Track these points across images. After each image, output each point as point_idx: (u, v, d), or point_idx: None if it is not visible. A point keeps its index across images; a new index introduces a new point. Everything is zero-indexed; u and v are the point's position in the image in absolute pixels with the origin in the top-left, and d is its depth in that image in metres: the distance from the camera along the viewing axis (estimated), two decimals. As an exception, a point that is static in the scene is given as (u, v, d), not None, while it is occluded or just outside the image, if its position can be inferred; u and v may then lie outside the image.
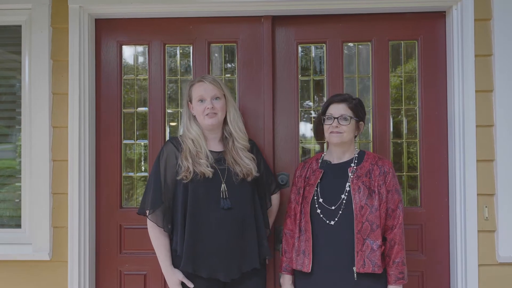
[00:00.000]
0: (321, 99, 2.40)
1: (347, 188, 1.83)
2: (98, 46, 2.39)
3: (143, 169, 2.42)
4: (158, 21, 2.37)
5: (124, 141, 2.41)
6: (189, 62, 2.41)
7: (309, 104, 2.41)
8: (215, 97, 1.95)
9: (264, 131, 2.32)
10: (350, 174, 1.86)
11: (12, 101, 2.43)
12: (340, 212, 1.81)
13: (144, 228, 2.00)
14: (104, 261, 2.36)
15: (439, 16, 2.32)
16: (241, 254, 1.89)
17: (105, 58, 2.39)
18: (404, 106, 2.37)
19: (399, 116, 2.38)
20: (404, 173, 2.36)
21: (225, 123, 2.01)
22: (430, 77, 2.32)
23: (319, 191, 1.87)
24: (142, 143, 2.42)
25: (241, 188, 1.92)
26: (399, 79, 2.38)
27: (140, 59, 2.44)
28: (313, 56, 2.41)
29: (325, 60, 2.37)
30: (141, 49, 2.43)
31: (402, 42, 2.37)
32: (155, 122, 2.38)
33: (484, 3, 2.20)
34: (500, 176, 2.16)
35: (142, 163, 2.42)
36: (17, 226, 2.36)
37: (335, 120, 1.85)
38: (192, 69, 2.39)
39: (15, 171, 2.40)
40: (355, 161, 1.89)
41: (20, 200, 2.35)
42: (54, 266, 2.26)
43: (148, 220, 1.92)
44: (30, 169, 2.27)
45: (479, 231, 2.16)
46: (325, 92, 2.36)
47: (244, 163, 1.94)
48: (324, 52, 2.38)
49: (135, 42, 2.40)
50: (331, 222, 1.82)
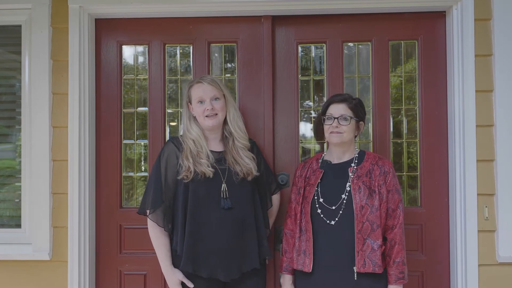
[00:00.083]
0: (321, 99, 2.40)
1: (348, 188, 1.83)
2: (98, 46, 2.38)
3: (143, 169, 2.42)
4: (158, 21, 2.37)
5: (124, 141, 2.41)
6: (189, 62, 2.41)
7: (309, 104, 2.41)
8: (215, 98, 1.95)
9: (264, 131, 2.32)
10: (351, 174, 1.86)
11: (12, 101, 2.43)
12: (341, 212, 1.81)
13: (144, 228, 2.00)
14: (104, 261, 2.36)
15: (439, 16, 2.32)
16: (241, 254, 1.89)
17: (105, 58, 2.39)
18: (404, 106, 2.37)
19: (399, 116, 2.38)
20: (404, 173, 2.36)
21: (225, 123, 2.01)
22: (430, 77, 2.32)
23: (320, 191, 1.87)
24: (142, 143, 2.42)
25: (242, 188, 1.92)
26: (399, 79, 2.38)
27: (140, 59, 2.44)
28: (313, 56, 2.41)
29: (325, 60, 2.37)
30: (141, 49, 2.43)
31: (402, 42, 2.37)
32: (155, 122, 2.38)
33: (484, 3, 2.20)
34: (500, 176, 2.16)
35: (142, 163, 2.42)
36: (17, 226, 2.36)
37: (335, 120, 1.85)
38: (192, 69, 2.39)
39: (15, 171, 2.40)
40: (356, 161, 1.89)
41: (20, 200, 2.34)
42: (54, 266, 2.26)
43: (149, 220, 1.92)
44: (30, 169, 2.27)
45: (479, 231, 2.16)
46: (325, 92, 2.36)
47: (244, 163, 1.94)
48: (324, 52, 2.38)
49: (135, 42, 2.40)
50: (332, 222, 1.82)
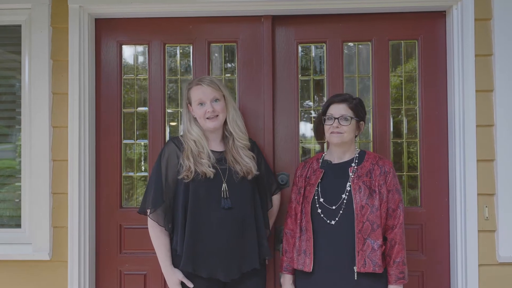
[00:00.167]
0: (321, 99, 2.40)
1: (348, 188, 1.83)
2: (98, 46, 2.38)
3: (143, 169, 2.42)
4: (158, 21, 2.37)
5: (124, 141, 2.41)
6: (189, 62, 2.41)
7: (309, 104, 2.41)
8: (215, 99, 1.94)
9: (264, 131, 2.31)
10: (351, 174, 1.86)
11: (12, 101, 2.43)
12: (341, 212, 1.81)
13: (144, 228, 2.00)
14: (104, 261, 2.35)
15: (439, 16, 2.32)
16: (241, 254, 1.89)
17: (105, 58, 2.39)
18: (404, 106, 2.37)
19: (399, 116, 2.38)
20: (404, 173, 2.36)
21: (225, 123, 2.01)
22: (430, 77, 2.32)
23: (320, 191, 1.87)
24: (142, 143, 2.42)
25: (242, 188, 1.92)
26: (399, 79, 2.38)
27: (140, 59, 2.44)
28: (313, 56, 2.41)
29: (325, 60, 2.37)
30: (141, 49, 2.43)
31: (402, 42, 2.37)
32: (155, 122, 2.37)
33: (484, 3, 2.19)
34: (500, 176, 2.16)
35: (142, 163, 2.42)
36: (17, 226, 2.36)
37: (336, 121, 1.85)
38: (192, 69, 2.38)
39: (15, 171, 2.40)
40: (356, 161, 1.89)
41: (20, 200, 2.34)
42: (54, 266, 2.26)
43: (149, 219, 1.92)
44: (30, 169, 2.27)
45: (479, 231, 2.16)
46: (325, 92, 2.36)
47: (244, 162, 1.94)
48: (324, 52, 2.38)
49: (135, 42, 2.40)
50: (332, 222, 1.82)
